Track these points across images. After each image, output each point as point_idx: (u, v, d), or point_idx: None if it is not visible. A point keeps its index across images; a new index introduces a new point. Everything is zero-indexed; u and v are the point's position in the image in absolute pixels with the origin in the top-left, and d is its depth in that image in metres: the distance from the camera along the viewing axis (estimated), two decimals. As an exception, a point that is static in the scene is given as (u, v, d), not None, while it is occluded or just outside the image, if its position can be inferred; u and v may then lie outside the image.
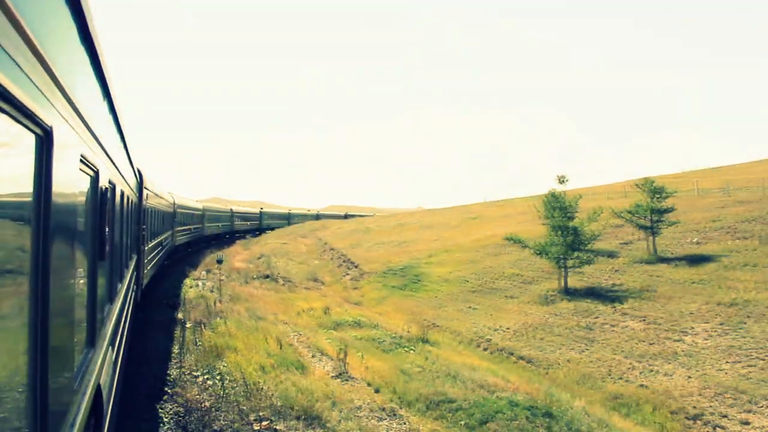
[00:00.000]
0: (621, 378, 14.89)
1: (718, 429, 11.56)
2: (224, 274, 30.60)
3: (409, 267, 33.72)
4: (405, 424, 9.90)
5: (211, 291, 24.31)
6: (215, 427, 8.92)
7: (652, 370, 15.02)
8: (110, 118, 4.71)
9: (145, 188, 13.67)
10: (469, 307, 25.24)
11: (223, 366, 11.99)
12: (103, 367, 3.79)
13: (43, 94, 1.85)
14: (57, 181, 2.04)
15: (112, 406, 4.88)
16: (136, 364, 11.08)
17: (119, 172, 5.93)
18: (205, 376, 11.32)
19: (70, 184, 2.40)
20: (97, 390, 3.41)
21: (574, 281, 26.76)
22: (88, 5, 2.73)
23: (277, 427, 9.15)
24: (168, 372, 11.25)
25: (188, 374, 11.34)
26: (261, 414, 9.62)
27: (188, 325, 15.85)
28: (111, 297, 5.22)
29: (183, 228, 29.76)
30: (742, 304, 19.71)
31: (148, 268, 15.24)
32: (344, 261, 41.40)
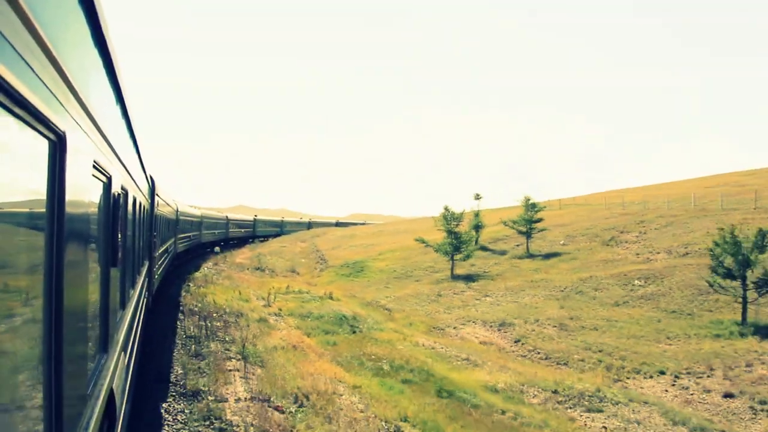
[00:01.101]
0: (427, 315, 26.65)
1: (441, 330, 23.27)
2: (226, 266, 43.20)
3: (359, 262, 45.86)
4: (282, 318, 21.99)
5: (213, 274, 36.80)
6: (196, 314, 21.11)
7: (445, 312, 26.74)
8: (123, 123, 4.76)
9: (157, 195, 13.96)
10: (385, 286, 37.14)
11: (206, 300, 24.18)
12: (115, 372, 3.89)
13: (56, 98, 1.86)
14: (70, 187, 2.08)
15: (125, 410, 5.06)
16: (165, 296, 23.37)
17: (132, 178, 6.00)
18: (196, 302, 23.53)
19: (83, 190, 2.44)
20: (110, 394, 3.52)
21: (463, 270, 38.34)
22: (102, 7, 2.73)
23: (222, 315, 21.33)
24: (179, 299, 23.50)
25: (188, 301, 23.56)
26: (218, 312, 21.77)
27: (191, 286, 28.18)
28: (123, 303, 5.34)
29: (184, 235, 29.96)
30: (538, 281, 31.17)
31: (158, 274, 15.95)
32: (320, 259, 53.71)
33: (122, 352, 4.64)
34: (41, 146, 1.81)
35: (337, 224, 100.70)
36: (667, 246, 33.23)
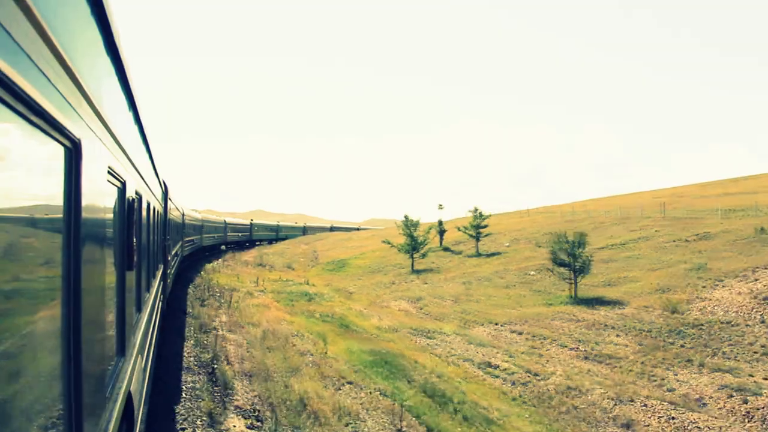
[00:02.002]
0: (375, 296, 35.97)
1: (376, 304, 32.54)
2: (233, 262, 53.18)
3: (343, 260, 55.45)
4: (264, 293, 31.63)
5: (220, 267, 46.77)
6: (203, 288, 30.85)
7: (389, 294, 36.03)
8: (136, 129, 4.88)
9: (169, 200, 14.22)
10: (358, 279, 46.59)
11: (211, 281, 33.93)
12: (133, 374, 3.98)
13: (71, 107, 1.91)
14: (86, 193, 2.13)
15: (143, 412, 5.21)
16: (184, 278, 33.22)
17: (146, 183, 6.15)
18: (204, 282, 33.29)
19: (98, 196, 2.50)
20: (128, 397, 3.60)
21: (423, 266, 47.51)
22: (113, 17, 2.81)
23: (221, 289, 31.00)
24: (193, 280, 33.29)
25: (198, 281, 33.31)
26: (219, 288, 31.46)
27: (202, 273, 38.03)
28: (139, 306, 5.46)
29: (188, 239, 31.36)
30: (469, 273, 40.25)
31: (170, 276, 16.60)
32: (314, 258, 63.46)
33: (139, 355, 4.75)
34: (58, 153, 1.86)
35: (332, 229, 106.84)
36: (575, 247, 41.97)
